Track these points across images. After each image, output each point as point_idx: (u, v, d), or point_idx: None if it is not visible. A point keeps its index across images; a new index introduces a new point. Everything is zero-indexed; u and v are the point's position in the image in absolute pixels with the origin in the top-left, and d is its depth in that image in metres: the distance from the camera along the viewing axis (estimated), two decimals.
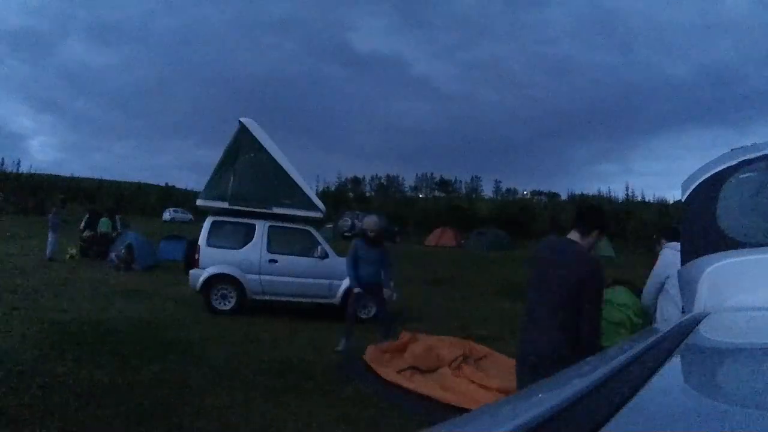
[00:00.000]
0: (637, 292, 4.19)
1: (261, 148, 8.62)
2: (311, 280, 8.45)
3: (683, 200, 2.27)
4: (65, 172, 57.48)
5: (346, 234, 27.81)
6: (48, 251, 14.01)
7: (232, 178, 8.53)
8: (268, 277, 8.32)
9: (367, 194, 68.83)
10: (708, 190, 2.13)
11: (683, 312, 2.04)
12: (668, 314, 3.58)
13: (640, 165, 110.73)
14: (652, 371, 0.87)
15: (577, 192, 67.94)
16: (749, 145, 2.13)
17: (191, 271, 8.31)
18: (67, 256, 14.31)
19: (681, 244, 2.39)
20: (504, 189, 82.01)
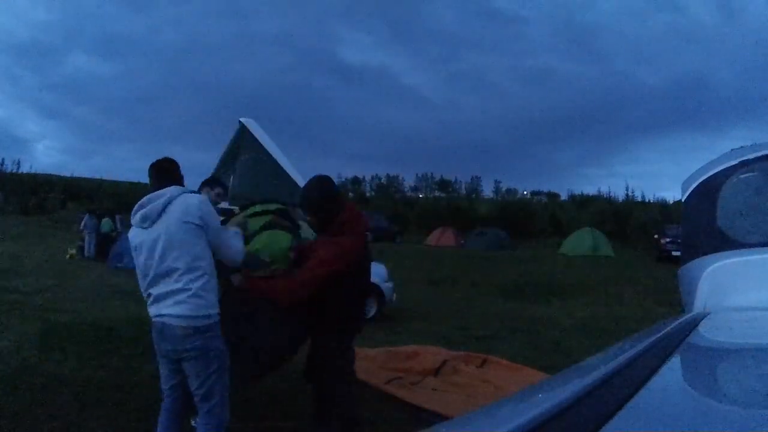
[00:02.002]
0: None
1: (261, 148, 8.61)
2: None
3: (683, 200, 2.27)
4: (66, 173, 57.42)
5: None
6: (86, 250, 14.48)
7: (232, 178, 8.53)
8: None
9: (367, 194, 68.78)
10: (708, 190, 2.13)
11: (683, 312, 2.04)
12: None
13: (623, 168, 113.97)
14: (652, 371, 0.87)
15: (578, 192, 68.03)
16: (749, 145, 2.13)
17: None
18: (67, 256, 14.33)
19: (681, 244, 2.39)
20: (504, 189, 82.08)
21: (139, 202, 2.68)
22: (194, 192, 2.79)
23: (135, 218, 2.67)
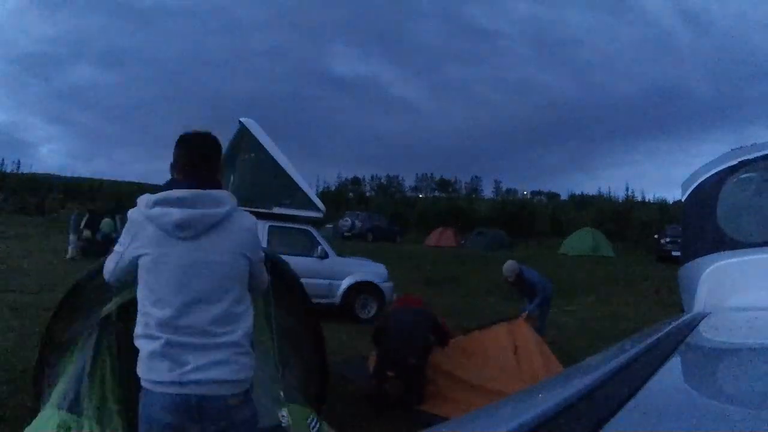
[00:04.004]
0: None
1: (261, 148, 8.62)
2: (311, 280, 8.45)
3: (683, 200, 2.27)
4: (66, 173, 57.68)
5: (346, 234, 27.81)
6: (69, 251, 14.38)
7: (232, 178, 8.54)
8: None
9: (367, 194, 68.82)
10: (708, 190, 2.13)
11: (683, 312, 2.04)
12: None
13: (606, 172, 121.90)
14: (652, 371, 0.87)
15: (578, 192, 68.20)
16: (749, 145, 2.13)
17: None
18: (68, 256, 14.33)
19: (681, 244, 2.39)
20: (504, 189, 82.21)
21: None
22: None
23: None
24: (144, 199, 1.83)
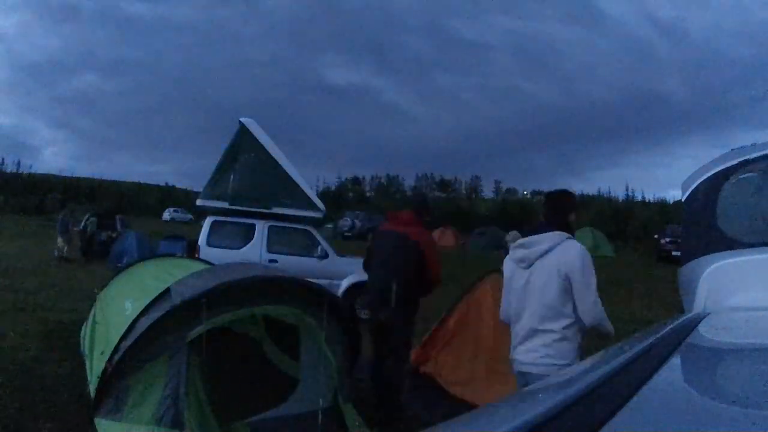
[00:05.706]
0: None
1: (261, 148, 8.61)
2: (311, 280, 8.44)
3: (683, 200, 2.27)
4: (66, 174, 57.78)
5: (346, 234, 27.80)
6: (56, 251, 14.34)
7: (232, 177, 8.53)
8: None
9: (367, 194, 68.81)
10: (708, 190, 2.13)
11: (683, 312, 2.04)
12: None
13: (594, 174, 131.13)
14: (652, 371, 0.87)
15: (578, 192, 68.34)
16: (749, 145, 2.13)
17: None
18: (56, 255, 14.36)
19: (681, 244, 2.39)
20: (504, 189, 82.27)
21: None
22: None
23: None
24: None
